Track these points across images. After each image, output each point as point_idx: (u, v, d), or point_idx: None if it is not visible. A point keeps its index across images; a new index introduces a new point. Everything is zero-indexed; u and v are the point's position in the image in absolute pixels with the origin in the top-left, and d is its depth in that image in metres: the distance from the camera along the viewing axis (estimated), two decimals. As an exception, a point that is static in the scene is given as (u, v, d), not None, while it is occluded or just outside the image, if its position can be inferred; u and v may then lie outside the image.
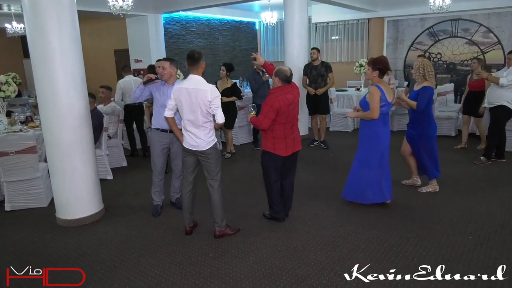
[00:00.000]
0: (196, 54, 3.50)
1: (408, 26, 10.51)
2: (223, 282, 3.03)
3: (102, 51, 11.63)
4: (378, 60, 4.10)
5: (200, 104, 3.39)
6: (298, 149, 3.93)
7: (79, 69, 3.98)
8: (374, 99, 4.00)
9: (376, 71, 4.05)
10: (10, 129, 5.32)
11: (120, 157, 6.25)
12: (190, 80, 3.47)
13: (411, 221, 3.95)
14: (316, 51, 6.83)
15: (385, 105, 4.06)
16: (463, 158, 6.12)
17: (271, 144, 3.78)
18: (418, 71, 4.43)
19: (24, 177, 4.52)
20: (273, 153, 3.78)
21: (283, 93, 3.65)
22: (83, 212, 4.15)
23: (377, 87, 4.04)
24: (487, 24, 9.44)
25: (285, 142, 3.77)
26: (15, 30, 9.63)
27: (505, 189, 4.78)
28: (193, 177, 3.74)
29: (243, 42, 12.94)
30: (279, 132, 3.73)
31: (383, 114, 4.09)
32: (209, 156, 3.56)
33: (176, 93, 3.48)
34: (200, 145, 3.51)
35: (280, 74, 3.68)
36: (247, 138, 7.64)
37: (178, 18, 10.82)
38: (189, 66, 3.50)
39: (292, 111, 3.73)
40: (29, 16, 3.73)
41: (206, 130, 3.51)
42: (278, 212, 4.00)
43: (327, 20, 11.73)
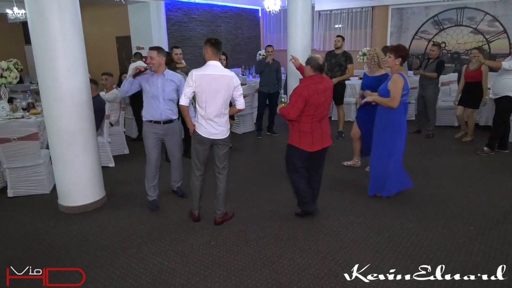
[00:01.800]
0: (220, 41, 3.50)
1: (413, 15, 10.37)
2: (225, 270, 3.05)
3: (103, 38, 11.54)
4: (400, 47, 4.01)
5: (225, 90, 3.39)
6: (327, 145, 3.70)
7: (81, 55, 3.94)
8: (397, 87, 3.88)
9: (399, 59, 3.94)
10: (12, 116, 5.31)
11: (122, 144, 6.25)
12: (212, 66, 3.41)
13: (413, 211, 3.95)
14: (340, 39, 6.64)
15: (406, 94, 3.98)
16: (465, 148, 6.09)
17: (296, 138, 3.59)
18: (373, 60, 4.71)
19: (26, 164, 4.53)
20: (299, 148, 3.59)
21: (314, 83, 3.46)
22: (85, 199, 4.16)
23: (401, 75, 3.91)
24: (493, 12, 9.30)
25: (312, 137, 3.56)
26: (16, 16, 9.54)
27: (507, 179, 4.77)
28: (204, 167, 3.74)
29: (246, 29, 12.82)
30: (306, 125, 3.53)
31: (404, 103, 4.02)
32: (226, 144, 3.60)
33: (199, 80, 3.38)
34: (221, 133, 3.52)
35: (312, 62, 3.50)
36: (249, 127, 7.62)
37: (180, 5, 10.70)
38: (212, 52, 3.43)
39: (322, 104, 3.51)
40: (30, 2, 3.69)
41: (226, 117, 3.53)
42: (308, 204, 3.79)
43: (330, 8, 11.58)
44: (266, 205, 4.20)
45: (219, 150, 3.59)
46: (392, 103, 3.91)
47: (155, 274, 3.03)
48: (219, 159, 3.63)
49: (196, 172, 3.73)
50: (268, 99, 7.01)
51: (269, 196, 4.45)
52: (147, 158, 4.12)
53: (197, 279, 2.96)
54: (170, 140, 4.15)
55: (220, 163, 3.65)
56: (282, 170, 5.25)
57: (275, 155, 6.05)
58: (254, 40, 13.08)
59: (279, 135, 7.20)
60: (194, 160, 3.70)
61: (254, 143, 6.91)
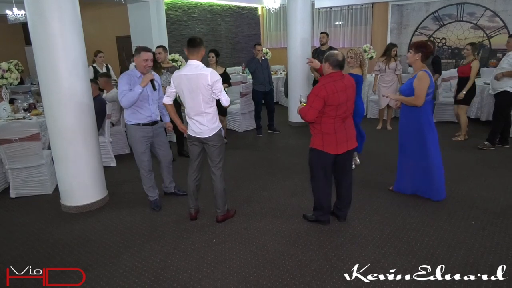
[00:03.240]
0: (198, 39, 3.45)
1: (413, 11, 10.35)
2: (227, 268, 3.07)
3: (103, 38, 11.54)
4: (420, 43, 3.84)
5: (201, 89, 3.36)
6: (352, 146, 3.45)
7: (81, 55, 3.95)
8: (423, 85, 3.70)
9: (419, 54, 3.76)
10: (14, 117, 5.34)
11: (124, 144, 6.26)
12: (189, 66, 3.43)
13: (414, 207, 3.96)
14: (325, 35, 6.83)
15: (431, 92, 3.84)
16: (466, 143, 6.09)
17: (319, 141, 3.36)
18: (358, 60, 4.66)
19: (28, 164, 4.55)
20: (322, 151, 3.36)
21: (332, 81, 3.23)
22: (87, 199, 4.18)
23: (426, 72, 3.73)
24: (493, 8, 9.28)
25: (336, 138, 3.32)
26: (16, 16, 9.56)
27: (508, 174, 4.77)
28: (199, 165, 3.74)
29: (246, 28, 12.81)
30: (328, 126, 3.29)
31: (430, 101, 3.87)
32: (213, 143, 3.55)
33: (177, 81, 3.45)
34: (204, 132, 3.50)
35: (330, 58, 3.26)
36: (250, 125, 7.62)
37: (180, 4, 10.70)
38: (189, 51, 3.44)
39: (344, 103, 3.26)
40: (30, 2, 3.70)
41: (209, 116, 3.48)
42: (323, 215, 3.62)
43: (330, 5, 11.57)
44: (268, 202, 4.22)
45: (209, 149, 3.60)
46: (417, 102, 3.74)
47: (158, 272, 3.04)
48: (210, 158, 3.65)
49: (190, 169, 3.76)
50: (264, 97, 7.03)
51: (270, 193, 4.46)
52: (140, 164, 4.02)
53: (199, 276, 2.98)
54: (159, 141, 4.11)
55: (212, 161, 3.65)
56: (283, 168, 5.27)
57: (276, 152, 6.06)
58: (254, 38, 13.07)
59: (281, 133, 7.21)
60: (190, 156, 3.77)
61: (255, 141, 6.92)
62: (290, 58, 7.58)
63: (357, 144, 3.56)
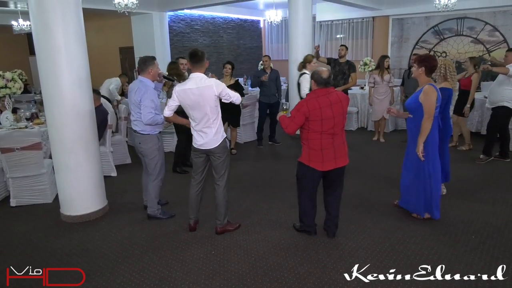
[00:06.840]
0: (200, 52, 3.47)
1: (413, 25, 10.45)
2: (225, 279, 3.05)
3: (107, 49, 11.67)
4: (423, 56, 3.74)
5: (208, 101, 3.39)
6: (341, 164, 3.40)
7: (84, 66, 4.00)
8: (430, 100, 3.53)
9: (422, 68, 3.64)
10: (16, 126, 5.37)
11: (124, 154, 6.28)
12: (193, 79, 3.44)
13: (414, 220, 3.94)
14: (344, 48, 6.80)
15: (439, 106, 3.69)
16: (466, 157, 6.09)
17: (306, 155, 3.38)
18: (439, 71, 4.16)
19: (29, 173, 4.56)
20: (308, 166, 3.37)
21: (315, 97, 3.26)
22: (87, 208, 4.18)
23: (433, 86, 3.60)
24: (493, 22, 9.37)
25: (322, 155, 3.31)
26: (21, 27, 9.68)
27: (509, 188, 4.76)
28: (203, 177, 3.75)
29: (248, 40, 12.94)
30: (315, 142, 3.30)
31: (436, 116, 3.67)
32: (219, 155, 3.57)
33: (182, 96, 3.44)
34: (210, 143, 3.51)
35: (315, 76, 3.30)
36: (251, 136, 7.65)
37: (183, 16, 10.84)
38: (193, 64, 3.46)
39: (331, 118, 3.24)
40: (35, 14, 3.76)
41: (215, 127, 3.50)
42: (308, 226, 3.66)
43: (331, 19, 11.70)
44: (267, 214, 4.21)
45: (214, 161, 3.61)
46: (429, 121, 3.55)
47: (156, 284, 3.03)
48: (214, 169, 3.65)
49: (192, 180, 3.76)
50: (269, 109, 7.05)
51: (270, 205, 4.46)
52: (161, 172, 4.08)
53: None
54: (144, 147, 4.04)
55: (216, 173, 3.65)
56: (282, 179, 5.27)
57: (276, 164, 6.07)
58: (256, 50, 13.20)
59: (281, 145, 7.23)
60: (193, 169, 3.77)
61: (256, 152, 6.93)
62: (292, 70, 7.63)
63: (347, 161, 3.47)
